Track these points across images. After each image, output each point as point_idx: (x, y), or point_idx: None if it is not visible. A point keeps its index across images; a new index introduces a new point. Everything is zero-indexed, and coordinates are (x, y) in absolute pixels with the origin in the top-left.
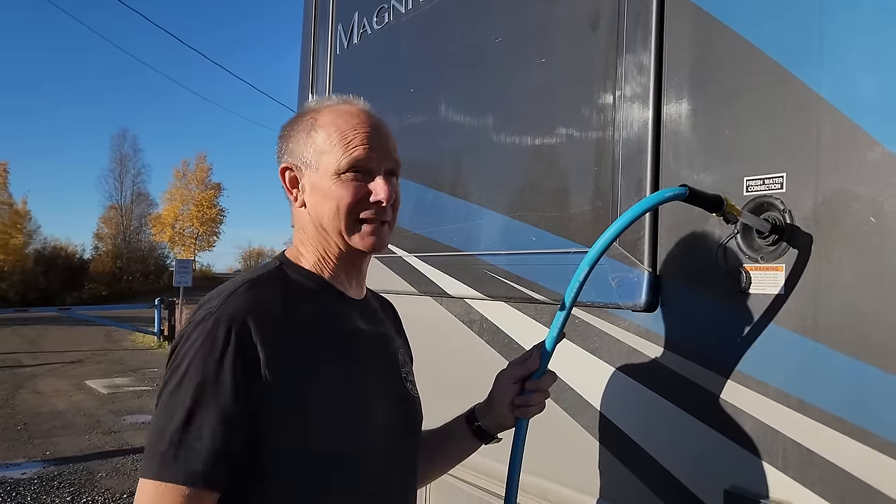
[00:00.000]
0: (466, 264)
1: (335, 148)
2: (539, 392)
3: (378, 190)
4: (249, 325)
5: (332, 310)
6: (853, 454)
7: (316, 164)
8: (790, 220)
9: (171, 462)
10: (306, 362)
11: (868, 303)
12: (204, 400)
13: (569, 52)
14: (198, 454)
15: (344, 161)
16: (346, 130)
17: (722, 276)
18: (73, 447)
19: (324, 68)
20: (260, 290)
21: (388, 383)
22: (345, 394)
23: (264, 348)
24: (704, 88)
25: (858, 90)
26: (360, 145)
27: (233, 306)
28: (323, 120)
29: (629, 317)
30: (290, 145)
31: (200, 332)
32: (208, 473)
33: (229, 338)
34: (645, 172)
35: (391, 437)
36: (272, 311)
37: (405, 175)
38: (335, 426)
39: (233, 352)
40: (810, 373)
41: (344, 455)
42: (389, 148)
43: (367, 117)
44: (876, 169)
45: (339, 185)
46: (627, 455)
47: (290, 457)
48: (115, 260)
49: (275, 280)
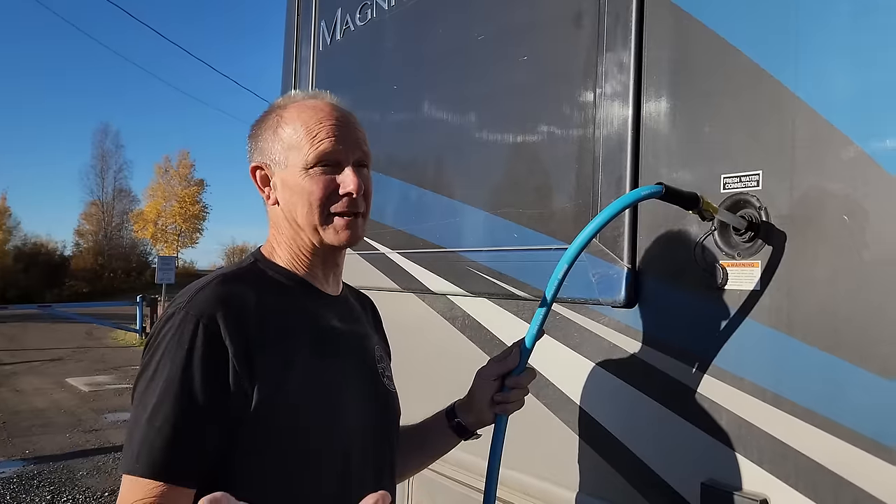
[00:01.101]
0: (449, 261)
1: (302, 143)
2: (518, 389)
3: (347, 182)
4: (218, 320)
5: (307, 306)
6: (825, 447)
7: (284, 161)
8: (766, 218)
9: (145, 458)
10: (278, 357)
11: (840, 299)
12: (174, 396)
13: (550, 50)
14: (169, 450)
15: (311, 155)
16: (311, 124)
17: (699, 272)
18: (54, 445)
19: (307, 65)
20: (230, 286)
21: (365, 379)
22: (319, 389)
23: (234, 343)
24: (683, 87)
25: (833, 90)
26: (325, 138)
27: (202, 302)
28: (288, 116)
29: (609, 313)
30: (259, 144)
31: (170, 328)
32: (180, 469)
33: (197, 333)
34: (625, 170)
35: (367, 433)
36: (242, 305)
37: (388, 172)
38: (309, 422)
39: (202, 347)
40: (784, 367)
41: (318, 451)
42: (357, 139)
43: (333, 110)
44: (849, 168)
45: (309, 180)
46: (607, 450)
47: (264, 452)
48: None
49: (247, 276)
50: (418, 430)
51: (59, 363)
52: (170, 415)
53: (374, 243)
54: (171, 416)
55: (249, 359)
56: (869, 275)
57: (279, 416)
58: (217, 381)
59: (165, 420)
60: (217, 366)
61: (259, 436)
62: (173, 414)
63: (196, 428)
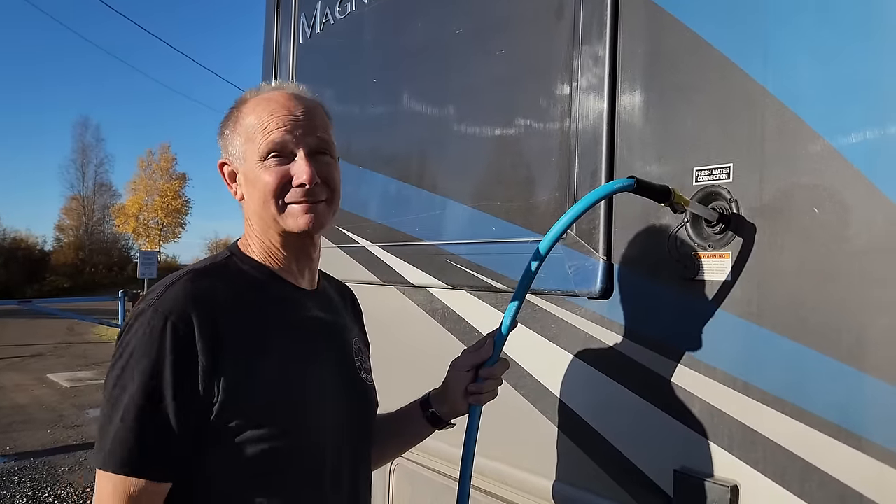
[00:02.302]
0: (428, 254)
1: (255, 135)
2: (492, 380)
3: (299, 171)
4: (188, 315)
5: (281, 299)
6: (793, 433)
7: (243, 156)
8: (737, 210)
9: (118, 454)
10: (250, 353)
11: (808, 289)
12: (145, 394)
13: (527, 43)
14: (140, 447)
15: (262, 147)
16: (263, 117)
17: (673, 264)
18: (35, 441)
19: (287, 59)
20: (201, 282)
21: (341, 373)
22: (292, 384)
23: (203, 341)
24: (657, 80)
25: (801, 84)
26: (276, 129)
27: (172, 298)
28: (245, 110)
29: (585, 304)
30: (223, 141)
31: (140, 324)
32: (151, 465)
33: (166, 329)
34: (600, 163)
35: (343, 427)
36: (213, 302)
37: (367, 165)
38: (282, 417)
39: (171, 343)
40: (754, 356)
41: (291, 446)
42: (313, 126)
43: (288, 100)
44: (817, 161)
45: (263, 172)
46: (583, 438)
47: (236, 447)
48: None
49: (220, 270)
50: (394, 418)
51: (40, 359)
52: (140, 413)
53: (354, 237)
54: (141, 414)
55: (220, 355)
56: (835, 266)
57: (251, 411)
58: (187, 378)
59: (136, 418)
60: (186, 363)
61: (231, 432)
62: (144, 412)
63: (166, 425)
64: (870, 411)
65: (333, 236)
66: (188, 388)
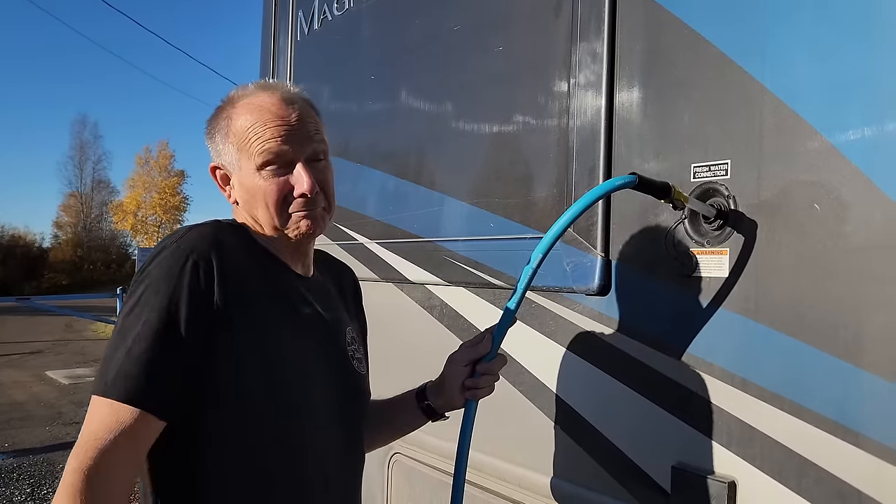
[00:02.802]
0: (427, 251)
1: (250, 146)
2: (489, 375)
3: (300, 182)
4: (210, 258)
5: (282, 282)
6: (790, 429)
7: (238, 164)
8: (734, 206)
9: (120, 382)
10: (257, 311)
11: (805, 285)
12: (156, 326)
13: (526, 40)
14: (143, 376)
15: (258, 158)
16: (256, 126)
17: (671, 260)
18: (34, 438)
19: (284, 55)
20: (224, 231)
21: (334, 361)
22: (293, 362)
23: (220, 283)
24: (655, 77)
25: (799, 81)
26: (271, 139)
27: (195, 237)
28: (236, 116)
29: (583, 301)
30: (214, 145)
31: (161, 259)
32: (152, 397)
33: (186, 267)
34: (598, 160)
35: (335, 411)
36: (232, 251)
37: (365, 162)
38: (276, 393)
39: (188, 282)
40: (752, 353)
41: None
42: (307, 134)
43: (279, 107)
44: (815, 158)
45: (262, 182)
46: (581, 435)
47: (230, 408)
48: (76, 248)
49: (239, 230)
50: (387, 405)
51: (39, 356)
52: (150, 344)
53: (352, 233)
54: (151, 346)
55: (233, 306)
56: (833, 263)
57: (246, 376)
58: (201, 317)
59: (146, 349)
60: (202, 302)
61: (226, 394)
62: (154, 343)
63: (174, 360)
64: (867, 408)
65: (331, 233)
66: (202, 326)
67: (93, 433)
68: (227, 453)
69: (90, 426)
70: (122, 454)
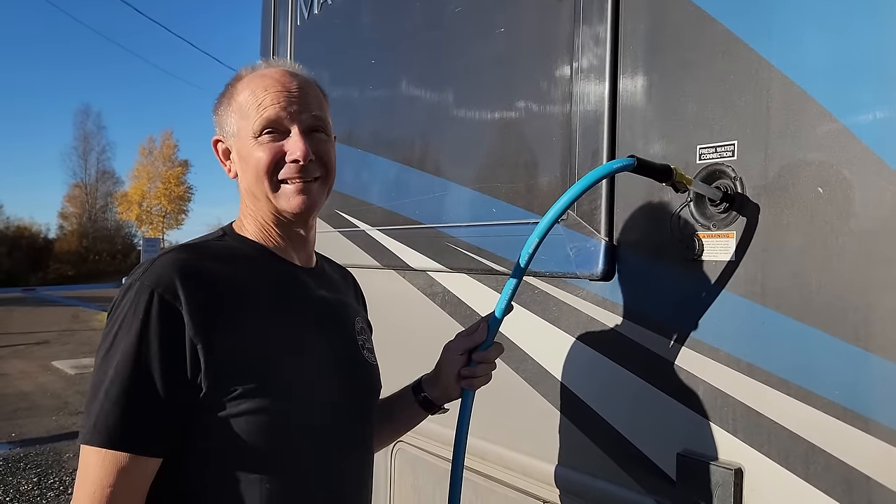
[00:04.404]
0: (428, 237)
1: (250, 111)
2: (485, 364)
3: (293, 148)
4: (174, 286)
5: (277, 275)
6: (798, 415)
7: (237, 132)
8: (741, 188)
9: (102, 428)
10: (243, 325)
11: (813, 268)
12: (130, 367)
13: (528, 22)
14: (125, 421)
15: (256, 123)
16: (258, 92)
17: (676, 244)
18: (40, 428)
19: (284, 40)
20: (189, 255)
21: (342, 350)
22: (288, 355)
23: (191, 311)
24: (659, 57)
25: (808, 59)
26: (270, 105)
27: (157, 271)
28: (240, 86)
29: (586, 286)
30: (218, 118)
31: (127, 299)
32: (137, 439)
33: (152, 303)
34: (601, 142)
35: (344, 406)
36: (201, 275)
37: (366, 148)
38: (275, 390)
39: (157, 318)
40: (758, 337)
41: (284, 422)
42: (308, 104)
43: (282, 76)
44: (824, 138)
45: (257, 148)
46: (585, 422)
47: (227, 426)
48: (81, 239)
49: (212, 246)
50: (386, 403)
51: (45, 346)
52: (126, 386)
53: (354, 220)
54: (126, 388)
55: (209, 328)
56: (841, 245)
57: (242, 385)
58: (174, 349)
59: (122, 392)
60: (172, 335)
61: (221, 409)
62: (129, 385)
63: (151, 399)
64: (877, 392)
65: (333, 220)
66: (176, 360)
67: (92, 485)
68: (226, 469)
69: (88, 478)
70: (124, 497)
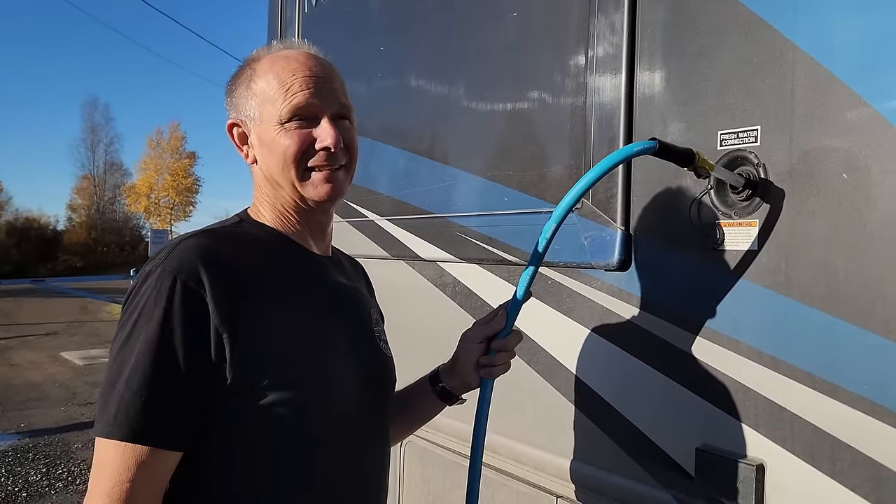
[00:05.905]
0: (438, 227)
1: (276, 96)
2: (505, 352)
3: (324, 135)
4: (198, 272)
5: (294, 262)
6: (823, 410)
7: (259, 117)
8: (764, 175)
9: (123, 421)
10: (266, 311)
11: (840, 258)
12: (152, 356)
13: (543, 9)
14: (147, 413)
15: (285, 109)
16: (284, 77)
17: (695, 232)
18: (49, 419)
19: (292, 28)
20: (210, 240)
21: (360, 340)
22: (311, 345)
23: (214, 299)
24: (678, 39)
25: (834, 39)
26: (300, 91)
27: (180, 257)
28: (261, 69)
29: (602, 276)
30: (234, 100)
31: (148, 285)
32: (159, 431)
33: (175, 290)
34: (618, 129)
35: (365, 397)
36: (223, 260)
37: (376, 137)
38: (300, 378)
39: (180, 305)
40: (782, 329)
41: (309, 412)
42: (334, 90)
43: (308, 60)
44: (852, 122)
45: (284, 135)
46: (600, 415)
47: (249, 416)
48: (90, 231)
49: (230, 232)
50: (402, 395)
51: (54, 337)
52: (148, 376)
53: (363, 211)
54: (149, 378)
55: (232, 318)
56: (869, 233)
57: (268, 373)
58: (197, 338)
59: (144, 382)
60: (197, 323)
61: (245, 399)
62: (152, 375)
63: (175, 389)
64: None
65: (342, 210)
66: (201, 350)
67: (109, 481)
68: (249, 460)
69: (105, 473)
70: (144, 493)
